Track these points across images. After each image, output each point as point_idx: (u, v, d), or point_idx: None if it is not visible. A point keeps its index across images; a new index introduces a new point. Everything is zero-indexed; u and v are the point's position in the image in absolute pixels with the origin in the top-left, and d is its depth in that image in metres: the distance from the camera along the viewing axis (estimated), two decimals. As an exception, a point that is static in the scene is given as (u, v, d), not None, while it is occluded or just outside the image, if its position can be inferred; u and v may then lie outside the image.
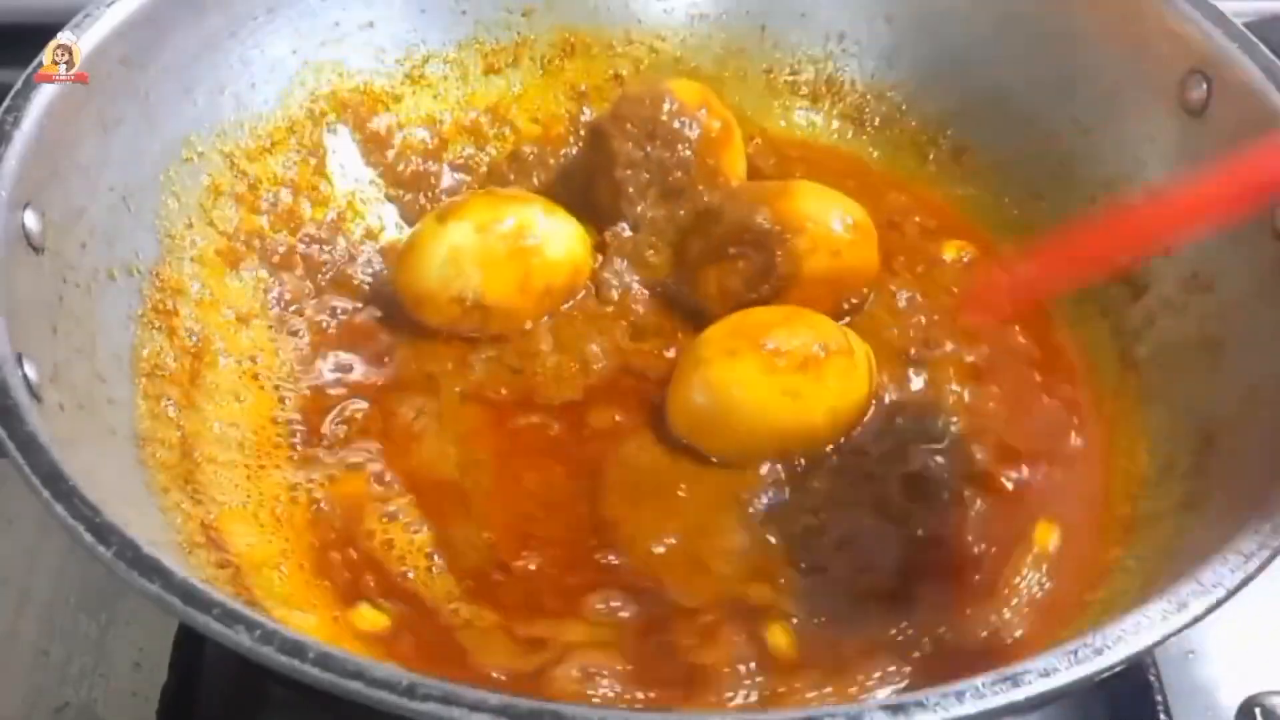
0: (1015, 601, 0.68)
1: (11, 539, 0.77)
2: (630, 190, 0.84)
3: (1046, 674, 0.48)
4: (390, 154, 0.90)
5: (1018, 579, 0.69)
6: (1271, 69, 0.73)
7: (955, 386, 0.78)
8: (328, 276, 0.84)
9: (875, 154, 0.94)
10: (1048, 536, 0.71)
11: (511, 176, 0.90)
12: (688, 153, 0.83)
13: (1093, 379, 0.79)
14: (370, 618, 0.66)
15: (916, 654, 0.65)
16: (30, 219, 0.65)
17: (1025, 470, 0.74)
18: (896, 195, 0.91)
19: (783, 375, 0.71)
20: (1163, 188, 0.77)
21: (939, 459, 0.74)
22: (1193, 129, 0.77)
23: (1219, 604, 0.52)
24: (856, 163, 0.94)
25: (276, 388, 0.78)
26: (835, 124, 0.95)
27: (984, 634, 0.66)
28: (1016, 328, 0.82)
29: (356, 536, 0.70)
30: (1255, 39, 0.75)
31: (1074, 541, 0.70)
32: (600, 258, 0.84)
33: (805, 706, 0.51)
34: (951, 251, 0.88)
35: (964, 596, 0.68)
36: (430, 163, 0.91)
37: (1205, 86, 0.76)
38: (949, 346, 0.81)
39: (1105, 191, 0.83)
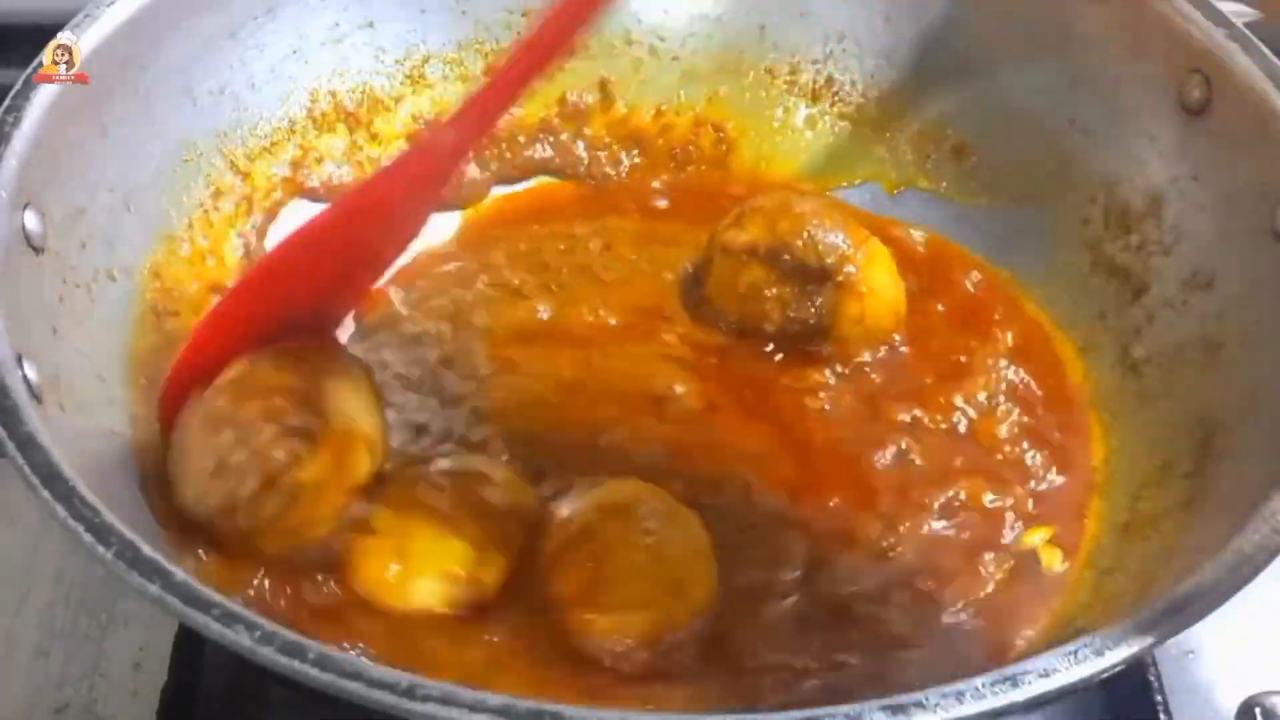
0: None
1: (11, 539, 0.77)
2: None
3: (1046, 674, 0.48)
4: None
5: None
6: (1271, 69, 0.73)
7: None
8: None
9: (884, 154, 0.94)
10: (1044, 541, 0.71)
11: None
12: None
13: (1092, 379, 0.79)
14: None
15: None
16: (30, 219, 0.65)
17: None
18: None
19: None
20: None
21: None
22: (1193, 129, 0.77)
23: (1219, 604, 0.52)
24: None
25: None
26: (836, 124, 0.95)
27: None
28: (1010, 333, 0.82)
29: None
30: (1255, 39, 0.75)
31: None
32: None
33: (805, 707, 0.51)
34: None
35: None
36: (430, 162, 0.91)
37: (1205, 86, 0.76)
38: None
39: (1105, 191, 0.83)
